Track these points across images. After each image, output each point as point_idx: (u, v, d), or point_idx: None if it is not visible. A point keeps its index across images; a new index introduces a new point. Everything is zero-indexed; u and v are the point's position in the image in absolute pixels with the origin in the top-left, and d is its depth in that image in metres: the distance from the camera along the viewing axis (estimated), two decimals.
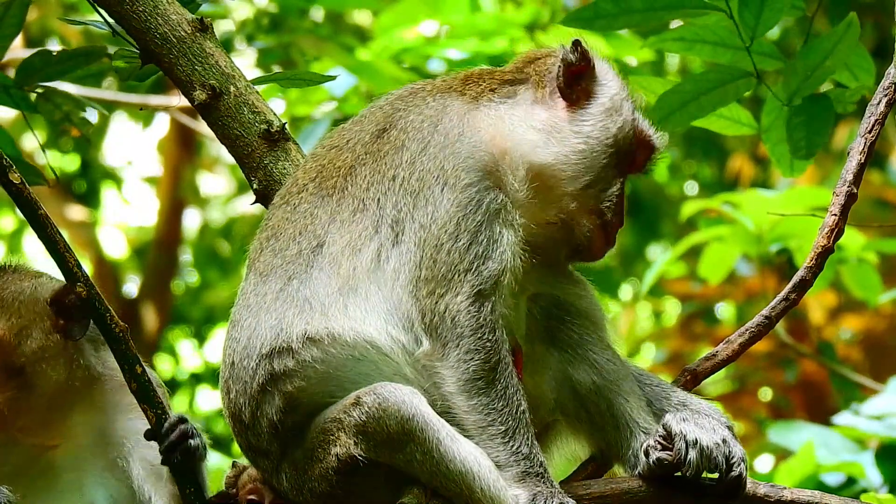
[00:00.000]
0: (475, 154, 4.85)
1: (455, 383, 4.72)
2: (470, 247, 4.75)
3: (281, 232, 4.96)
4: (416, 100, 5.03)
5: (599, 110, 5.01)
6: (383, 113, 5.04)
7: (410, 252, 4.77)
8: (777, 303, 5.12)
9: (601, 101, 5.02)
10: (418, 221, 4.79)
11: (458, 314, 4.72)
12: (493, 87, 5.04)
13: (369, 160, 4.94)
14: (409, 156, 4.88)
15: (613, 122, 5.01)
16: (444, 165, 4.83)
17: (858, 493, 7.94)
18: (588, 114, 5.00)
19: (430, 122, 4.92)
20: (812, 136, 5.61)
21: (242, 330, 4.86)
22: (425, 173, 4.84)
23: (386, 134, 4.97)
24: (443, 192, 4.80)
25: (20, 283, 5.18)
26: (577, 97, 5.01)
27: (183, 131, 15.55)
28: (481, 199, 4.80)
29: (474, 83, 5.05)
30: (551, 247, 5.00)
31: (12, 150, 5.81)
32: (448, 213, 4.78)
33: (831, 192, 5.22)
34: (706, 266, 9.41)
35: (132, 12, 5.46)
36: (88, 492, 5.17)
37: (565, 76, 5.01)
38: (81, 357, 5.17)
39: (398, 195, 4.84)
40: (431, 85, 5.10)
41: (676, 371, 5.24)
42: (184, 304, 17.92)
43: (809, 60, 5.50)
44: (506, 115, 4.96)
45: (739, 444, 4.88)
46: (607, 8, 5.52)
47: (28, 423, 5.12)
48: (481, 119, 4.94)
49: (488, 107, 4.98)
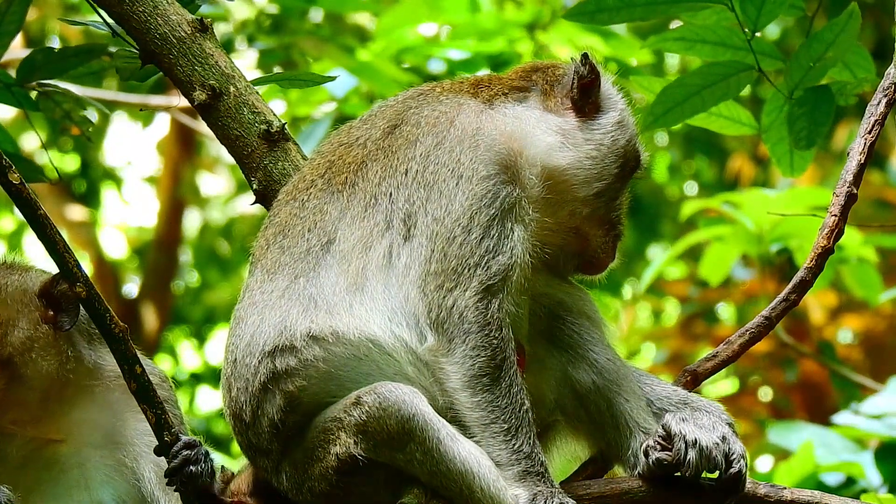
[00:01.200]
0: (494, 147, 4.89)
1: (460, 379, 4.73)
2: (482, 241, 4.77)
3: (289, 228, 4.97)
4: (428, 98, 5.07)
5: (610, 122, 5.12)
6: (394, 111, 5.07)
7: (422, 246, 4.79)
8: (777, 303, 5.12)
9: (612, 114, 5.14)
10: (431, 214, 4.81)
11: (465, 310, 4.73)
12: (505, 92, 5.10)
13: (381, 156, 4.96)
14: (424, 149, 4.90)
15: (622, 134, 5.12)
16: (461, 158, 4.86)
17: (858, 493, 7.94)
18: (599, 124, 5.11)
19: (446, 117, 4.96)
20: (813, 127, 5.63)
21: (246, 327, 4.87)
22: (440, 167, 4.86)
23: (398, 130, 4.99)
24: (458, 185, 4.83)
25: (8, 276, 5.20)
26: (588, 109, 5.11)
27: (183, 131, 15.55)
28: (498, 191, 4.82)
29: (485, 87, 5.11)
30: (560, 256, 5.05)
31: (12, 148, 5.81)
32: (462, 206, 4.80)
33: (831, 192, 5.23)
34: (707, 266, 9.42)
35: (132, 13, 5.46)
36: (95, 490, 5.17)
37: (579, 88, 5.09)
38: (72, 349, 5.17)
39: (411, 188, 4.86)
40: (441, 87, 5.14)
41: (676, 371, 5.25)
42: (184, 304, 17.92)
43: (812, 51, 5.51)
44: (522, 117, 5.03)
45: (739, 441, 4.88)
46: (609, 2, 5.53)
47: (21, 416, 5.12)
48: (498, 118, 4.99)
49: (503, 108, 5.04)
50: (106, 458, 5.20)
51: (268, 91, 8.10)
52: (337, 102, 9.47)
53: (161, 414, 4.87)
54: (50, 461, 5.17)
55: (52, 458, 5.17)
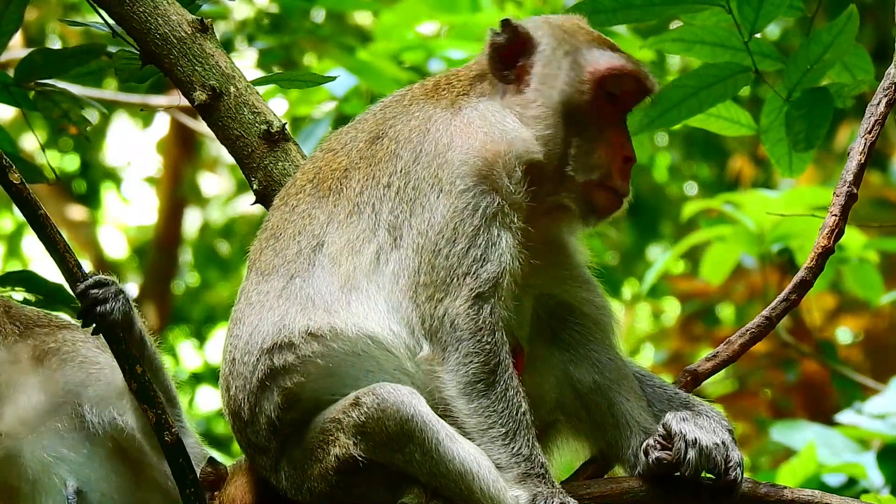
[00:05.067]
0: (468, 161, 4.82)
1: (455, 387, 4.72)
2: (468, 250, 4.75)
3: (281, 232, 4.97)
4: (400, 108, 5.01)
5: (537, 81, 4.95)
6: (375, 120, 5.03)
7: (409, 258, 4.77)
8: (777, 303, 5.12)
9: (536, 71, 4.96)
10: (416, 228, 4.79)
11: (456, 317, 4.71)
12: (466, 91, 4.99)
13: (363, 165, 4.94)
14: (403, 164, 4.87)
15: (552, 86, 4.94)
16: (438, 174, 4.82)
17: (859, 493, 7.93)
18: (530, 90, 4.95)
19: (417, 132, 4.90)
20: (812, 128, 5.62)
21: (244, 327, 4.87)
22: (420, 181, 4.83)
23: (379, 141, 4.96)
24: (438, 198, 4.79)
25: None
26: (516, 77, 4.97)
27: (183, 131, 15.54)
28: (478, 203, 4.79)
29: (446, 89, 5.01)
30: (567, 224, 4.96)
31: (11, 148, 5.81)
32: (445, 219, 4.77)
33: (832, 192, 5.22)
34: (708, 266, 9.42)
35: (132, 13, 5.45)
36: (55, 471, 5.16)
37: (500, 61, 4.97)
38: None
39: (394, 202, 4.83)
40: (411, 94, 5.06)
41: (677, 371, 5.24)
42: (184, 304, 17.92)
43: (810, 53, 5.51)
44: (486, 115, 4.91)
45: (738, 449, 4.86)
46: (606, 3, 5.52)
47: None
48: (465, 125, 4.89)
49: (468, 110, 4.93)
50: (47, 436, 5.17)
51: (268, 91, 8.10)
52: (337, 102, 9.47)
53: (161, 414, 4.87)
54: (9, 457, 5.15)
55: (9, 453, 5.15)
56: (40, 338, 5.28)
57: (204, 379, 17.59)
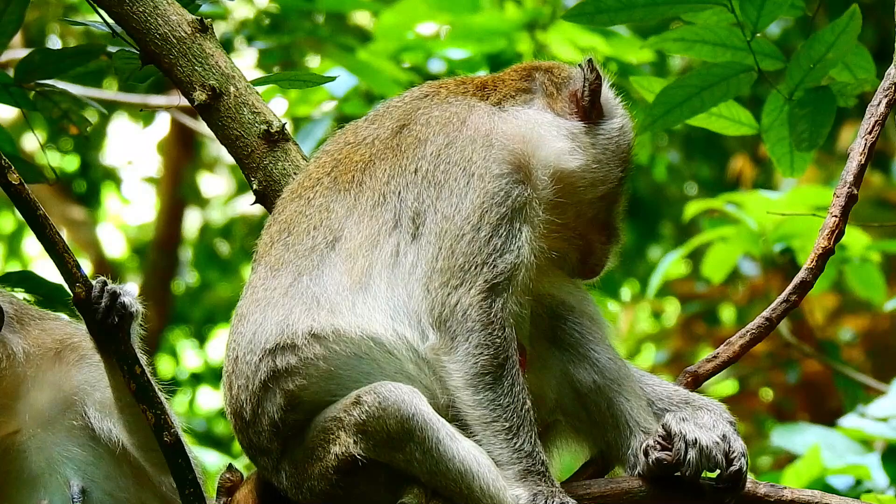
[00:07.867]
0: (507, 146, 4.91)
1: (462, 377, 4.72)
2: (490, 239, 4.78)
3: (294, 226, 4.96)
4: (437, 99, 5.08)
5: (615, 127, 5.15)
6: (402, 111, 5.08)
7: (430, 244, 4.79)
8: (778, 304, 5.12)
9: (616, 120, 5.17)
10: (441, 212, 4.82)
11: (469, 308, 4.73)
12: (512, 94, 5.11)
13: (389, 154, 4.96)
14: (434, 149, 4.91)
15: (624, 139, 5.16)
16: (473, 157, 4.87)
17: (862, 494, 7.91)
18: (604, 130, 5.14)
19: (457, 118, 4.98)
20: (815, 127, 5.63)
21: (248, 325, 4.87)
22: (451, 165, 4.87)
23: (406, 129, 5.00)
24: (469, 183, 4.84)
25: None
26: (593, 114, 5.14)
27: (183, 131, 15.54)
28: (510, 190, 4.83)
29: (492, 90, 5.12)
30: (562, 258, 5.07)
31: (11, 148, 5.81)
32: (473, 204, 4.80)
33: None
34: (709, 266, 9.42)
35: (132, 13, 5.45)
36: (59, 470, 5.17)
37: (589, 94, 5.12)
38: (2, 348, 5.17)
39: (420, 187, 4.86)
40: (447, 89, 5.14)
41: (677, 372, 5.25)
42: (184, 304, 17.91)
43: (813, 52, 5.51)
44: (533, 120, 5.04)
45: (740, 440, 4.88)
46: (609, 2, 5.53)
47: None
48: (510, 120, 5.00)
49: (513, 111, 5.05)
50: (59, 432, 5.19)
51: (268, 91, 8.09)
52: (337, 102, 9.47)
53: (161, 414, 4.86)
54: (14, 455, 5.17)
55: (13, 450, 5.17)
56: (61, 330, 5.31)
57: (204, 379, 17.59)
